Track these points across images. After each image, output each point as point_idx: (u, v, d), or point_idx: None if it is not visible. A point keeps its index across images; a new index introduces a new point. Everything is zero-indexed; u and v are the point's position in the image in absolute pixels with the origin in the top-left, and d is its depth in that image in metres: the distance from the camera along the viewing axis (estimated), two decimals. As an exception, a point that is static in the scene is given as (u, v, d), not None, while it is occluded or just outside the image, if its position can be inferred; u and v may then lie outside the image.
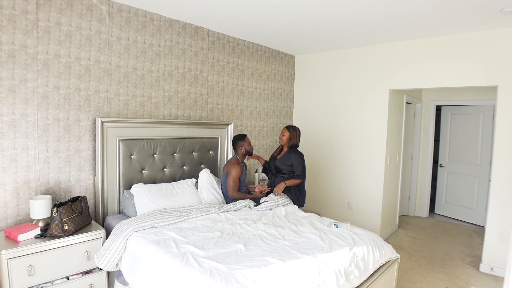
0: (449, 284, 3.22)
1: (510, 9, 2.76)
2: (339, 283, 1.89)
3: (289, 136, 3.36)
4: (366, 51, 4.28)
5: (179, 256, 2.02)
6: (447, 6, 2.79)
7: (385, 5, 2.81)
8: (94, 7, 2.77)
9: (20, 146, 2.45)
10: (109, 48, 2.90)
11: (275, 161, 3.41)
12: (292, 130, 3.38)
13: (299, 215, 2.99)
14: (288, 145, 3.39)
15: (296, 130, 3.41)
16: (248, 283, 1.73)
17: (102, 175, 2.81)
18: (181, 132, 3.41)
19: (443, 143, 5.58)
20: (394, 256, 2.57)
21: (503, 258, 3.34)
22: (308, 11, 3.03)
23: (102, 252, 2.36)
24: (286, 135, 3.37)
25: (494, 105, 4.74)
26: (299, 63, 5.04)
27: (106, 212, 2.87)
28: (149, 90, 3.23)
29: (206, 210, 2.85)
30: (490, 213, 3.48)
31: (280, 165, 3.36)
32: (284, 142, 3.39)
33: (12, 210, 2.44)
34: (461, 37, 3.55)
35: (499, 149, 3.39)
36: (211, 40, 3.77)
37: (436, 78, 3.74)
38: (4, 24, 2.30)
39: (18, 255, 2.09)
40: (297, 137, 3.40)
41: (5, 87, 2.34)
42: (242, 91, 4.23)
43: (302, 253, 2.12)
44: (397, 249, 3.93)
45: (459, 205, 5.40)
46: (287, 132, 3.37)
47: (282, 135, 3.40)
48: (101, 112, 2.89)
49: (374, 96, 4.23)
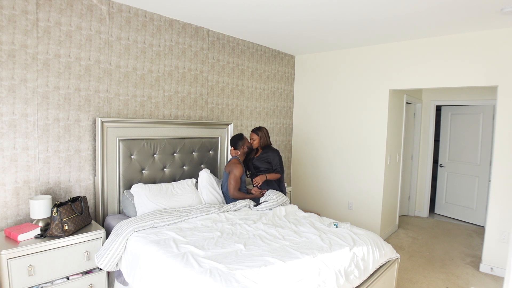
0: (449, 284, 3.22)
1: (510, 9, 2.76)
2: (339, 283, 1.89)
3: (258, 139, 3.51)
4: (366, 51, 4.28)
5: (179, 256, 2.02)
6: (447, 6, 2.79)
7: (385, 5, 2.81)
8: (94, 7, 2.77)
9: (20, 146, 2.45)
10: (109, 48, 2.90)
11: (253, 161, 3.54)
12: (259, 133, 3.51)
13: (299, 215, 2.99)
14: (260, 146, 3.53)
15: (263, 130, 3.54)
16: (248, 283, 1.73)
17: (102, 175, 2.81)
18: (181, 132, 3.41)
19: (443, 143, 5.58)
20: (394, 256, 2.57)
21: (503, 258, 3.34)
22: (308, 11, 3.03)
23: (102, 252, 2.36)
24: (256, 139, 3.50)
25: (494, 105, 4.74)
26: (299, 63, 5.04)
27: (106, 212, 2.87)
28: (149, 90, 3.23)
29: (206, 210, 2.85)
30: (490, 213, 3.48)
31: (258, 163, 3.50)
32: (256, 145, 3.52)
33: (12, 210, 2.44)
34: (461, 37, 3.55)
35: (499, 149, 3.39)
36: (211, 40, 3.77)
37: (436, 78, 3.74)
38: (4, 24, 2.30)
39: (18, 255, 2.09)
40: (266, 137, 3.54)
41: (5, 87, 2.34)
42: (242, 91, 4.23)
43: (302, 253, 2.11)
44: (397, 249, 3.93)
45: (459, 205, 5.40)
46: (255, 136, 3.51)
47: (252, 140, 3.52)
48: (101, 112, 2.89)
49: (374, 96, 4.23)
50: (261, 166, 3.49)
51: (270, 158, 3.48)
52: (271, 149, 3.53)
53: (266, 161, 3.48)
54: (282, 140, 4.98)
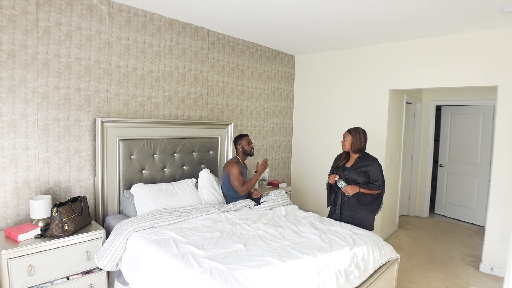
0: (449, 284, 3.22)
1: (510, 9, 2.76)
2: (339, 283, 1.89)
3: (351, 139, 2.86)
4: (366, 51, 4.28)
5: (179, 256, 2.02)
6: (447, 6, 2.79)
7: (385, 5, 2.81)
8: (94, 7, 2.77)
9: (20, 146, 2.45)
10: (109, 48, 2.90)
11: (346, 171, 2.86)
12: (353, 132, 2.86)
13: (299, 215, 2.99)
14: (353, 150, 2.87)
15: (359, 131, 2.87)
16: (248, 283, 1.73)
17: (102, 175, 2.81)
18: (181, 132, 3.41)
19: (443, 143, 5.58)
20: (394, 256, 2.58)
21: (503, 258, 3.34)
22: (308, 11, 3.03)
23: (102, 252, 2.36)
24: (348, 140, 2.87)
25: (494, 105, 4.74)
26: (299, 63, 5.03)
27: (106, 212, 2.87)
28: (149, 90, 3.23)
29: (206, 210, 2.85)
30: (490, 213, 3.48)
31: (354, 175, 2.81)
32: (347, 148, 2.89)
33: (12, 210, 2.44)
34: (461, 37, 3.55)
35: (499, 149, 3.39)
36: (211, 40, 3.77)
37: (436, 78, 3.74)
38: (4, 24, 2.30)
39: (18, 255, 2.09)
40: (361, 140, 2.85)
41: (5, 87, 2.34)
42: (242, 91, 4.23)
43: (302, 253, 2.11)
44: (397, 249, 3.93)
45: (459, 205, 5.40)
46: (348, 136, 2.88)
47: (343, 140, 2.92)
48: (101, 112, 2.89)
49: (374, 96, 4.23)
50: (358, 179, 2.79)
51: (370, 170, 2.78)
52: (369, 157, 2.84)
53: (364, 173, 2.79)
54: (282, 140, 4.98)
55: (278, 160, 4.94)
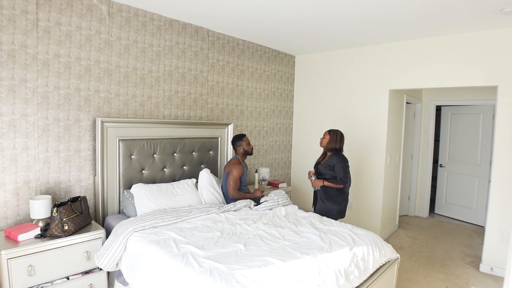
0: (449, 284, 3.22)
1: (510, 9, 2.76)
2: (339, 283, 1.89)
3: (328, 139, 3.23)
4: (366, 51, 4.28)
5: (179, 256, 2.02)
6: (447, 6, 2.79)
7: (385, 5, 2.81)
8: (94, 7, 2.77)
9: (20, 146, 2.45)
10: (109, 48, 2.90)
11: (318, 166, 3.29)
12: (331, 133, 3.23)
13: (299, 215, 2.99)
14: (328, 148, 3.24)
15: (337, 132, 3.23)
16: (248, 283, 1.73)
17: (102, 175, 2.81)
18: (181, 132, 3.41)
19: (443, 143, 5.58)
20: (394, 256, 2.57)
21: (503, 258, 3.34)
22: (308, 11, 3.03)
23: (102, 252, 2.36)
24: (326, 139, 3.24)
25: (494, 105, 4.74)
26: (299, 63, 5.03)
27: (106, 212, 2.87)
28: (149, 90, 3.23)
29: (206, 210, 2.85)
30: (490, 213, 3.48)
31: (323, 169, 3.22)
32: (323, 145, 3.27)
33: (12, 210, 2.44)
34: (461, 37, 3.55)
35: (499, 149, 3.39)
36: (211, 40, 3.77)
37: (436, 78, 3.74)
38: (4, 24, 2.30)
39: (18, 255, 2.09)
40: (336, 141, 3.20)
41: (5, 87, 2.34)
42: (242, 91, 4.23)
43: (302, 253, 2.12)
44: (397, 249, 3.93)
45: (459, 205, 5.39)
46: (327, 135, 3.25)
47: (322, 138, 3.29)
48: (101, 112, 2.89)
49: (374, 96, 4.23)
50: (326, 173, 3.19)
51: (335, 166, 3.14)
52: (338, 155, 3.18)
53: (330, 168, 3.17)
54: (282, 140, 4.98)
55: (278, 160, 4.94)
